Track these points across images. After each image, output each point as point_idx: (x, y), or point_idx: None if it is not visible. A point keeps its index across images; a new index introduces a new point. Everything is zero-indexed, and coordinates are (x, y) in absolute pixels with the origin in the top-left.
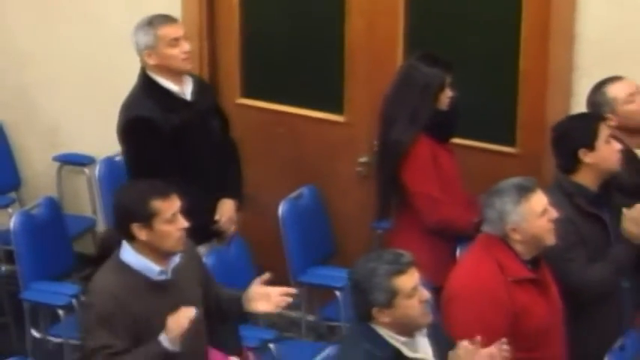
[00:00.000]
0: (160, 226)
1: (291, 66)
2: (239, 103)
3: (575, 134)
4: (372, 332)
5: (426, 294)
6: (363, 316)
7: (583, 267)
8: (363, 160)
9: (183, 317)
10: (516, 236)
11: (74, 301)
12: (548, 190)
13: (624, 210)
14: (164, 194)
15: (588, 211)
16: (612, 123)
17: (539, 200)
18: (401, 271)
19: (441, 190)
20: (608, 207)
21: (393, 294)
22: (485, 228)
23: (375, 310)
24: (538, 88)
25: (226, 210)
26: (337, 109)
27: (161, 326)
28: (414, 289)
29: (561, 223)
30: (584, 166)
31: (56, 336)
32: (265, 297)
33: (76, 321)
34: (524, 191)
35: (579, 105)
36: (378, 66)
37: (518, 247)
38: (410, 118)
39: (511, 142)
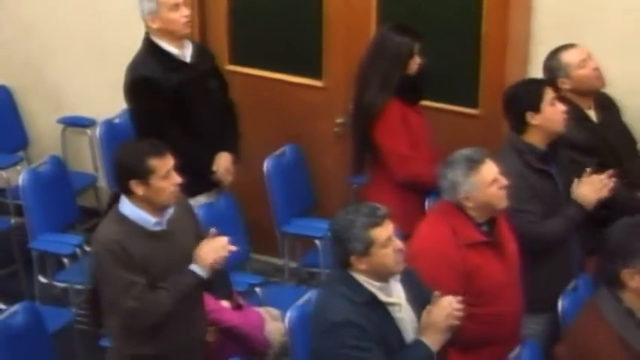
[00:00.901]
0: (156, 182)
1: (275, 36)
2: (228, 69)
3: (522, 98)
4: (349, 278)
5: (399, 244)
6: (342, 263)
7: (539, 221)
8: (339, 120)
9: (221, 246)
10: (469, 204)
11: (78, 250)
12: (501, 149)
13: (576, 180)
14: (159, 153)
15: (538, 167)
16: (566, 86)
17: (488, 170)
18: (377, 223)
19: (410, 148)
20: (555, 163)
21: (369, 244)
22: (442, 195)
23: (353, 258)
24: (498, 54)
25: (223, 162)
26: (316, 74)
27: (158, 272)
28: (389, 239)
29: (514, 180)
30: (531, 127)
31: (62, 281)
32: (213, 251)
33: (80, 268)
34: (473, 163)
35: (536, 70)
36: (353, 36)
37: (472, 213)
38: (382, 82)
39: (474, 104)
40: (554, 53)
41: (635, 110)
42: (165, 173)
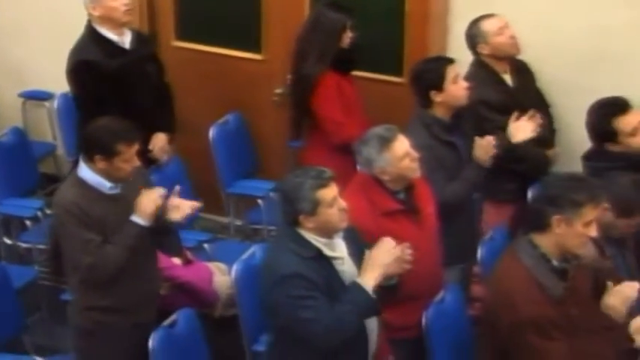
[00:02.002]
0: (118, 163)
1: (218, 13)
2: (175, 45)
3: (426, 77)
4: (297, 235)
5: (343, 203)
6: (291, 222)
7: (443, 186)
8: (278, 90)
9: (155, 195)
10: (385, 177)
11: (39, 213)
12: (410, 122)
13: (476, 139)
14: (130, 140)
15: (444, 138)
16: (484, 52)
17: (400, 146)
18: (323, 185)
19: (344, 114)
20: (460, 133)
21: (316, 204)
22: (360, 168)
23: (301, 217)
24: (421, 28)
25: (158, 142)
26: (256, 49)
27: (114, 232)
28: (334, 199)
29: (422, 151)
30: (436, 103)
31: (25, 242)
32: (177, 208)
33: (42, 229)
34: (385, 141)
35: (455, 42)
36: (289, 12)
37: (388, 184)
38: (318, 55)
39: (399, 73)
40: (475, 22)
41: (548, 75)
42: (129, 157)
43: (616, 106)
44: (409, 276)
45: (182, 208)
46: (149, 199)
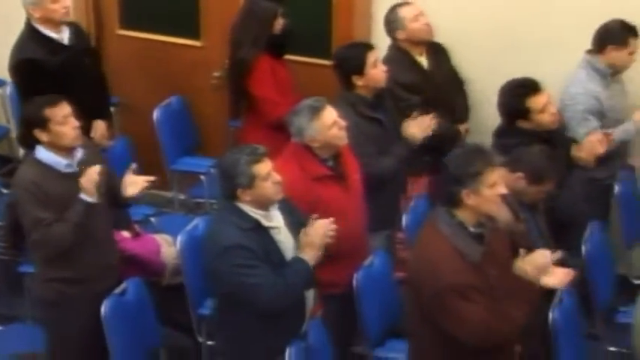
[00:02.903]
0: (55, 127)
1: (160, 3)
2: (119, 34)
3: (348, 63)
4: (236, 208)
5: (277, 177)
6: (230, 196)
7: (374, 160)
8: (216, 74)
9: (92, 172)
10: (315, 144)
11: None
12: (336, 101)
13: (405, 122)
14: (53, 103)
15: (369, 115)
16: (401, 36)
17: (328, 115)
18: (258, 160)
19: (278, 95)
20: (383, 109)
21: (252, 178)
22: (292, 138)
23: (239, 191)
24: (347, 14)
25: (99, 129)
26: (195, 36)
27: None
28: (268, 173)
29: (350, 128)
30: (358, 86)
31: None
32: (133, 182)
33: None
34: (315, 110)
35: (378, 28)
36: (226, 2)
37: (318, 151)
38: (252, 41)
39: (327, 57)
40: (393, 9)
41: (463, 57)
42: (62, 119)
43: (528, 86)
44: (338, 236)
45: (138, 183)
46: (87, 177)
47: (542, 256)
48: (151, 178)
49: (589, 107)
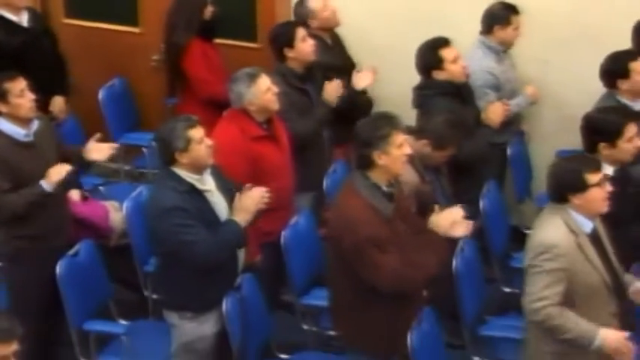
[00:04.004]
0: (13, 99)
1: None
2: (64, 22)
3: (279, 37)
4: (173, 173)
5: (210, 142)
6: (168, 161)
7: (296, 123)
8: (155, 57)
9: (63, 169)
10: (252, 108)
11: None
12: (272, 73)
13: (325, 83)
14: (11, 77)
15: (297, 86)
16: (314, 25)
17: (263, 82)
18: (192, 125)
19: (210, 75)
20: (311, 81)
21: (188, 141)
22: (232, 104)
23: (177, 154)
24: (269, 1)
25: (57, 104)
26: (135, 23)
27: (30, 176)
28: (202, 138)
29: (279, 96)
30: (289, 58)
31: None
32: (98, 149)
33: None
34: (252, 77)
35: None
36: None
37: (255, 115)
38: (185, 26)
39: (253, 40)
40: (301, 2)
41: (354, 38)
42: (20, 92)
43: (439, 40)
44: (274, 190)
45: (103, 150)
46: (57, 171)
47: (456, 212)
48: (115, 145)
49: (486, 82)
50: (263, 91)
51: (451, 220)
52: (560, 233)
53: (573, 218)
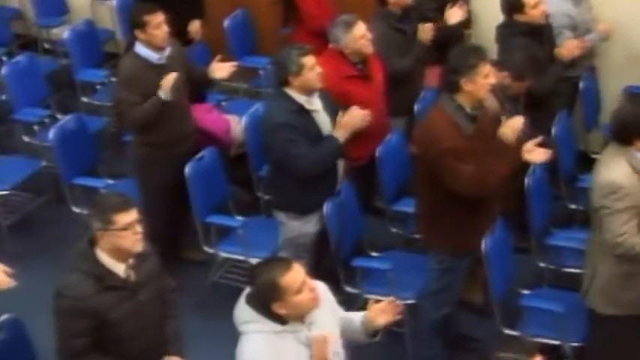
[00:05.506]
0: (150, 30)
1: None
2: None
3: None
4: (286, 94)
5: (319, 69)
6: (281, 82)
7: (395, 60)
8: None
9: (171, 77)
10: (347, 50)
11: (106, 79)
12: (372, 16)
13: (419, 25)
14: (150, 10)
15: (396, 27)
16: None
17: (359, 29)
18: (305, 53)
19: (318, 9)
20: (409, 22)
21: (300, 67)
22: (330, 44)
23: (290, 77)
24: None
25: (194, 27)
26: None
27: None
28: (313, 65)
29: (378, 37)
30: (389, 2)
31: (97, 100)
32: (220, 68)
33: (108, 92)
34: (349, 25)
35: None
36: None
37: (350, 56)
38: None
39: None
40: None
41: None
42: (156, 25)
43: None
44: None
45: (225, 68)
46: (168, 80)
47: (518, 120)
48: (235, 63)
49: (563, 23)
50: (358, 37)
51: (514, 127)
52: (625, 174)
53: (637, 159)
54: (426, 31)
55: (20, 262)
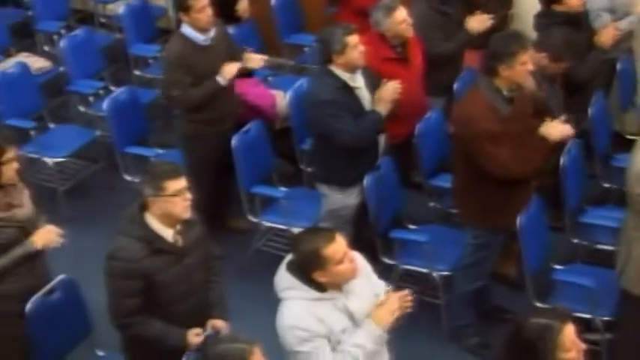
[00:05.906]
0: (194, 14)
1: None
2: None
3: None
4: (330, 71)
5: (362, 48)
6: (326, 60)
7: (438, 43)
8: None
9: (234, 67)
10: (388, 33)
11: (158, 54)
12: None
13: (468, 17)
14: None
15: (439, 9)
16: None
17: (399, 14)
18: (349, 33)
19: None
20: (452, 4)
21: (344, 45)
22: (372, 26)
23: (334, 55)
24: None
25: (242, 5)
26: None
27: (204, 73)
28: (357, 43)
29: (420, 19)
30: None
31: (149, 73)
32: (252, 59)
33: (159, 65)
34: (390, 9)
35: None
36: None
37: (390, 39)
38: None
39: None
40: None
41: None
42: (200, 8)
43: None
44: (400, 103)
45: (256, 60)
46: (230, 69)
47: (568, 128)
48: (265, 57)
49: (601, 6)
50: (398, 22)
51: (559, 131)
52: None
53: None
54: (477, 21)
55: (74, 225)
